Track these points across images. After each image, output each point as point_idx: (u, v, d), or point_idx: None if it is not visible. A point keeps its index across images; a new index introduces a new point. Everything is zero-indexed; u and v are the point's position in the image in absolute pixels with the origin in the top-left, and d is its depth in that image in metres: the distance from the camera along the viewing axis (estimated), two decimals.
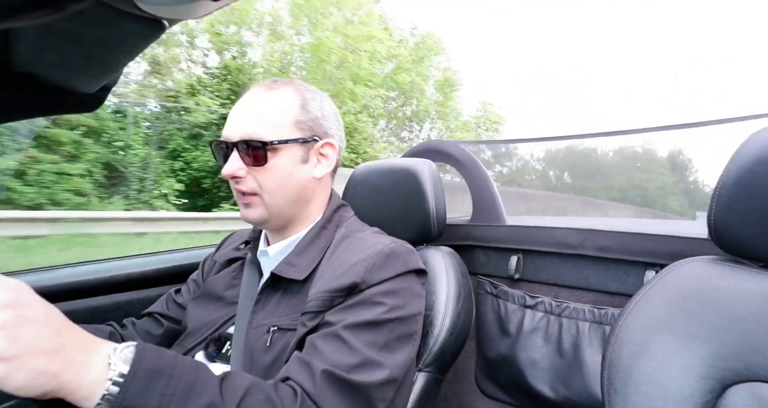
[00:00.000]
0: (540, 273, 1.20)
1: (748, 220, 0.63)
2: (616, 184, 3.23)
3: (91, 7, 0.44)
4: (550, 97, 28.22)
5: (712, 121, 1.17)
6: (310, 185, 0.82)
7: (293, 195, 0.80)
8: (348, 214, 0.89)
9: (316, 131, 0.81)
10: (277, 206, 0.78)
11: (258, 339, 0.74)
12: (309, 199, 0.83)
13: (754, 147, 0.64)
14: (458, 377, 1.36)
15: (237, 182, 0.77)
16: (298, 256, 0.79)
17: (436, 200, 1.02)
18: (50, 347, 0.47)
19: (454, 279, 0.97)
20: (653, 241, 0.99)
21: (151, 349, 0.54)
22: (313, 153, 0.81)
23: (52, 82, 0.67)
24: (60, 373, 0.47)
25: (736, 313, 0.60)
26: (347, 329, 0.67)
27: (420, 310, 0.78)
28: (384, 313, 0.70)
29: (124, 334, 0.88)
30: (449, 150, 1.40)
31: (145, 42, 0.58)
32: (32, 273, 1.06)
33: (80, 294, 1.07)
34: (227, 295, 0.85)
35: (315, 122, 0.80)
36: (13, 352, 0.44)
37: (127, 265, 1.18)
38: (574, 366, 1.07)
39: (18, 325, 0.45)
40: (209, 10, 0.50)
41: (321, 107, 0.82)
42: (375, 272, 0.72)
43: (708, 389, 0.58)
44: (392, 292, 0.72)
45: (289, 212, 0.81)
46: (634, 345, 0.64)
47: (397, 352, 0.70)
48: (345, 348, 0.66)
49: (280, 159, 0.77)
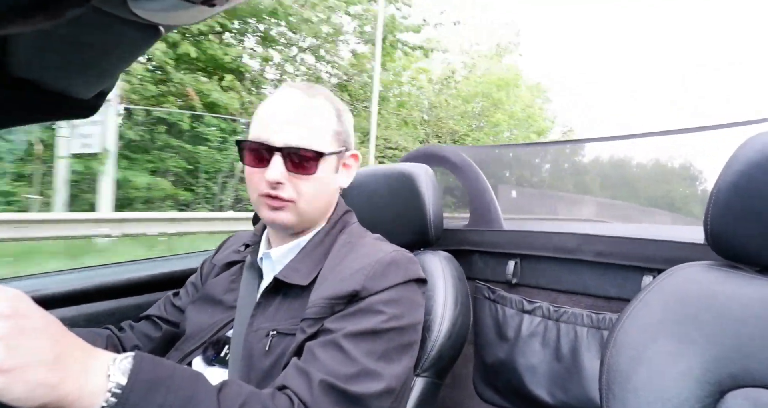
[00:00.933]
0: (538, 278, 1.20)
1: (744, 226, 0.63)
2: (643, 194, 3.28)
3: (88, 13, 0.44)
4: (557, 99, 28.33)
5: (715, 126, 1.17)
6: (335, 194, 0.85)
7: (324, 203, 0.82)
8: (352, 219, 0.89)
9: (347, 142, 0.83)
10: (309, 213, 0.79)
11: (257, 343, 0.73)
12: (331, 207, 0.85)
13: (750, 152, 0.64)
14: (456, 382, 1.36)
15: (276, 188, 0.74)
16: (301, 261, 0.79)
17: (434, 205, 1.03)
18: (49, 358, 0.47)
19: (452, 284, 0.97)
20: (650, 247, 0.99)
21: (149, 360, 0.54)
22: (341, 163, 0.83)
23: (48, 88, 0.67)
24: (59, 384, 0.47)
25: (733, 318, 0.60)
26: (346, 338, 0.67)
27: (419, 320, 0.77)
28: (384, 322, 0.69)
29: (122, 338, 0.87)
30: (447, 155, 1.41)
31: (141, 48, 0.58)
32: (28, 279, 1.06)
33: (78, 300, 1.07)
34: (226, 299, 0.85)
35: (347, 134, 0.83)
36: (11, 364, 0.44)
37: (125, 270, 1.18)
38: (572, 371, 1.07)
39: (17, 336, 0.45)
40: (205, 15, 0.51)
41: (349, 119, 0.85)
42: (376, 280, 0.72)
43: (706, 394, 0.58)
44: (393, 301, 0.72)
45: (314, 218, 0.82)
46: (632, 350, 0.64)
47: (395, 362, 0.70)
48: (343, 357, 0.65)
49: (323, 169, 0.77)
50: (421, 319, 0.78)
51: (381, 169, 1.09)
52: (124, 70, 0.69)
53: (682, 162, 2.95)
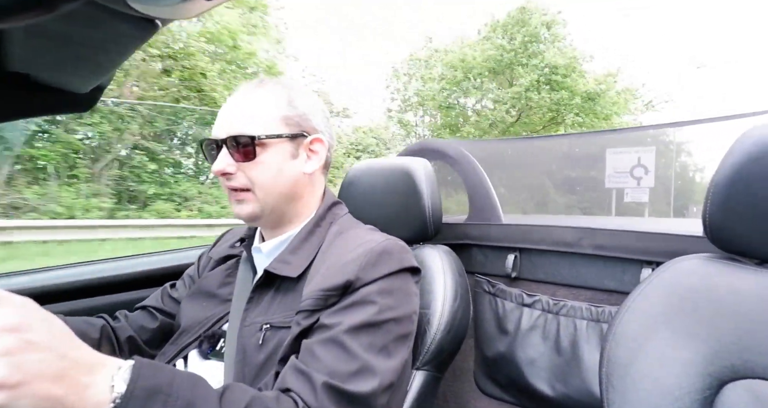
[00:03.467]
0: (537, 271, 1.20)
1: (742, 218, 0.63)
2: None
3: (84, 7, 0.44)
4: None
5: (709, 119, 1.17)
6: (302, 181, 0.82)
7: (285, 190, 0.80)
8: (341, 211, 0.89)
9: (304, 127, 0.80)
10: (270, 202, 0.79)
11: (251, 337, 0.74)
12: (301, 195, 0.83)
13: (747, 144, 0.64)
14: (457, 376, 1.36)
15: (228, 179, 0.77)
16: (292, 253, 0.79)
17: (432, 199, 1.02)
18: (55, 372, 0.46)
19: (451, 277, 0.97)
20: (649, 239, 0.99)
21: (149, 366, 0.54)
22: (303, 149, 0.81)
23: (45, 83, 0.67)
24: (64, 397, 0.46)
25: (732, 310, 0.60)
26: (345, 333, 0.67)
27: (415, 310, 0.78)
28: (380, 313, 0.70)
29: (116, 328, 0.87)
30: (445, 149, 1.40)
31: (137, 42, 0.57)
32: (27, 274, 1.06)
33: (77, 294, 1.07)
34: (221, 293, 0.85)
35: (303, 118, 0.80)
36: (17, 380, 0.44)
37: (124, 265, 1.18)
38: (572, 364, 1.07)
39: (22, 350, 0.45)
40: (203, 9, 0.50)
41: (308, 103, 0.82)
42: (369, 270, 0.72)
43: (705, 386, 0.58)
44: (387, 291, 0.72)
45: (282, 208, 0.81)
46: (632, 342, 0.64)
47: (394, 356, 0.70)
48: (343, 354, 0.66)
49: (270, 154, 0.77)
50: (416, 309, 0.78)
51: (379, 164, 1.08)
52: (121, 64, 0.68)
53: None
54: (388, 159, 1.10)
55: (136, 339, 0.89)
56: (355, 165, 1.11)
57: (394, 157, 1.22)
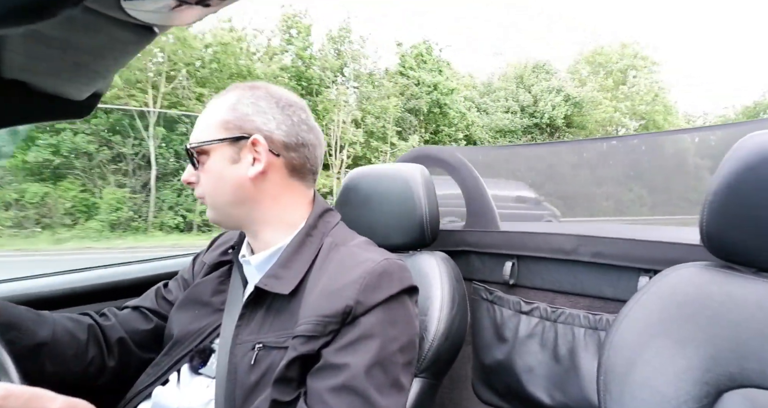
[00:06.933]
0: (535, 279, 1.20)
1: (739, 226, 0.63)
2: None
3: (80, 14, 0.44)
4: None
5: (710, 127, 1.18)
6: (247, 185, 0.76)
7: (229, 196, 0.77)
8: (333, 219, 0.85)
9: (245, 129, 0.76)
10: (219, 208, 0.79)
11: (242, 356, 0.71)
12: (254, 200, 0.78)
13: (744, 153, 0.64)
14: (455, 383, 1.35)
15: (192, 188, 0.81)
16: (282, 267, 0.75)
17: (429, 205, 1.02)
18: None
19: (448, 284, 0.97)
20: (647, 247, 0.99)
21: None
22: (247, 152, 0.76)
23: (42, 89, 0.67)
24: None
25: (730, 318, 0.60)
26: (356, 379, 0.64)
27: (416, 332, 0.76)
28: (385, 347, 0.68)
29: (105, 328, 0.84)
30: (443, 156, 1.40)
31: (135, 48, 0.57)
32: (19, 281, 1.05)
33: (64, 303, 1.05)
34: (214, 301, 0.83)
35: (243, 120, 0.76)
36: None
37: (112, 273, 1.17)
38: (570, 372, 1.06)
39: None
40: (200, 15, 0.50)
41: (255, 103, 0.77)
42: (369, 293, 0.69)
43: (703, 394, 0.58)
44: (390, 321, 0.70)
45: (235, 214, 0.79)
46: (630, 351, 0.64)
47: (404, 385, 0.69)
48: (358, 401, 0.64)
49: (212, 161, 0.77)
50: (417, 331, 0.76)
51: (377, 170, 1.08)
52: (118, 71, 0.68)
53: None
54: (385, 165, 1.09)
55: (127, 341, 0.85)
56: (352, 171, 1.11)
57: (392, 163, 1.22)
